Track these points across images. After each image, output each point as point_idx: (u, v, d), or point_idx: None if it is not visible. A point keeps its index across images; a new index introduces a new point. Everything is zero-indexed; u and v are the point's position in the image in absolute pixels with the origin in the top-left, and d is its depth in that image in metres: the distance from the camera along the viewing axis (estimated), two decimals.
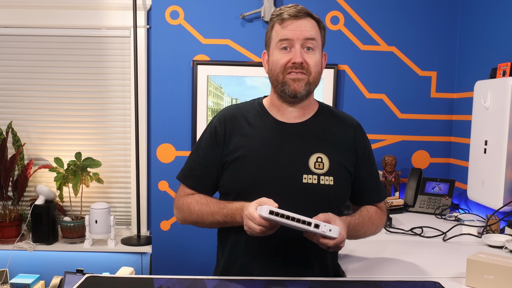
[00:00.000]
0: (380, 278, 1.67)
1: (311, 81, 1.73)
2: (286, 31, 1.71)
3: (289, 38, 1.70)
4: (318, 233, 1.50)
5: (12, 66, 3.51)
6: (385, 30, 3.27)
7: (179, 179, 1.89)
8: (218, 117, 1.86)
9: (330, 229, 1.50)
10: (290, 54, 1.71)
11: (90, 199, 3.55)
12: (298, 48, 1.70)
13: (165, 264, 3.36)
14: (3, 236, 3.37)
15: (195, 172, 1.84)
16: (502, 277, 1.56)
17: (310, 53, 1.72)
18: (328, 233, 1.49)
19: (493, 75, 2.71)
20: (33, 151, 3.56)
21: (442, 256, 2.05)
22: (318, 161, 1.74)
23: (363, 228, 1.78)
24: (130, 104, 3.49)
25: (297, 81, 1.71)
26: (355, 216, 1.75)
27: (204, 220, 1.78)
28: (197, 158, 1.85)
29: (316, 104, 1.87)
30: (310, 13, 1.74)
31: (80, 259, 3.46)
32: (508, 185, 2.50)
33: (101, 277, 1.66)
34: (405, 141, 3.33)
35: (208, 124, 1.89)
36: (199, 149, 1.86)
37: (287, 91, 1.73)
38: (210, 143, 1.82)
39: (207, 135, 1.85)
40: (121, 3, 3.37)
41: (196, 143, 1.90)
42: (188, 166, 1.88)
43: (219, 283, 1.58)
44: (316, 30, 1.74)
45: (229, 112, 1.86)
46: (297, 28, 1.70)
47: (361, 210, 1.82)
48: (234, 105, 1.92)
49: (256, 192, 1.72)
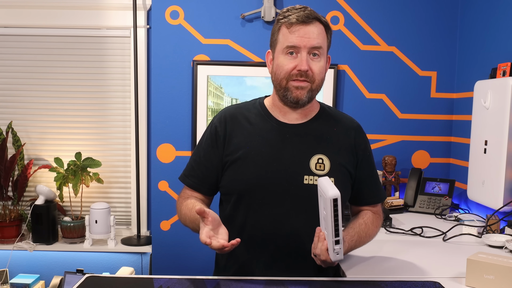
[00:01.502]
0: (380, 278, 1.67)
1: (313, 88, 1.73)
2: (294, 37, 1.68)
3: (296, 45, 1.68)
4: (330, 246, 1.52)
5: (13, 66, 3.51)
6: (385, 30, 3.27)
7: (180, 179, 1.90)
8: (218, 117, 1.86)
9: (338, 253, 1.52)
10: (296, 60, 1.70)
11: (90, 199, 3.55)
12: (304, 55, 1.68)
13: (165, 264, 3.35)
14: (3, 236, 3.37)
15: (195, 172, 1.85)
16: (502, 277, 1.56)
17: (315, 59, 1.71)
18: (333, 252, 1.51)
19: (493, 75, 2.71)
20: (33, 151, 3.56)
21: (442, 256, 2.05)
22: (319, 162, 1.74)
23: (360, 244, 1.80)
24: (130, 104, 3.49)
25: (300, 89, 1.71)
26: (354, 237, 1.74)
27: (188, 225, 1.81)
28: (197, 158, 1.85)
29: (317, 105, 1.87)
30: (318, 17, 1.72)
31: (80, 259, 3.45)
32: (508, 185, 2.50)
33: (101, 277, 1.66)
34: (405, 141, 3.33)
35: (209, 124, 1.89)
36: (200, 149, 1.86)
37: (289, 97, 1.73)
38: (211, 143, 1.82)
39: (208, 135, 1.85)
40: (121, 3, 3.37)
41: (198, 142, 1.90)
42: (189, 166, 1.89)
43: (219, 283, 1.58)
44: (323, 36, 1.72)
45: (229, 112, 1.86)
46: (305, 35, 1.68)
47: (359, 224, 1.81)
48: (235, 105, 1.91)
49: (257, 192, 1.73)
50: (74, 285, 1.56)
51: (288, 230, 1.73)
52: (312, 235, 1.63)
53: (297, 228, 1.71)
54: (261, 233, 1.74)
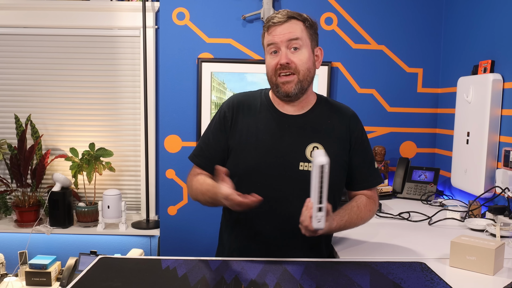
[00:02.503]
0: (370, 259, 1.67)
1: (301, 79, 1.72)
2: (271, 36, 1.72)
3: (275, 42, 1.71)
4: (314, 213, 1.49)
5: (32, 63, 3.49)
6: (375, 30, 3.25)
7: (190, 159, 1.90)
8: (227, 103, 1.87)
9: (319, 221, 1.50)
10: (278, 57, 1.72)
11: (103, 186, 3.55)
12: (283, 50, 1.71)
13: (172, 246, 3.35)
14: (23, 220, 3.38)
15: (204, 152, 1.86)
16: (483, 258, 1.55)
17: (296, 52, 1.71)
18: (315, 219, 1.50)
19: (474, 72, 2.70)
20: (50, 142, 3.56)
21: (428, 238, 2.04)
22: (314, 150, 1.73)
23: (350, 225, 1.77)
24: (140, 99, 3.47)
25: (286, 84, 1.72)
26: (344, 217, 1.72)
27: (200, 198, 1.80)
28: (206, 139, 1.86)
29: (314, 96, 1.87)
30: (294, 15, 1.72)
31: (94, 241, 3.45)
32: (489, 173, 2.50)
33: (113, 258, 1.66)
34: (394, 132, 3.32)
35: (218, 109, 1.89)
36: (209, 132, 1.87)
37: (280, 92, 1.74)
38: (219, 126, 1.83)
39: (217, 119, 1.86)
40: (132, 5, 3.35)
41: (207, 126, 1.91)
42: (198, 147, 1.90)
43: (222, 263, 1.58)
44: (300, 29, 1.72)
45: (238, 99, 1.86)
46: (280, 32, 1.70)
47: (352, 206, 1.80)
48: (243, 93, 1.92)
49: (256, 177, 1.74)
50: (88, 265, 1.56)
51: (284, 212, 1.73)
52: None
53: (292, 211, 1.70)
54: (260, 214, 1.74)
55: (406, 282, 1.44)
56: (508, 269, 1.62)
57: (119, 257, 1.71)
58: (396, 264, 1.60)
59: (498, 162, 2.49)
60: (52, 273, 3.08)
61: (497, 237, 1.87)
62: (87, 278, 1.46)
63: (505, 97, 2.47)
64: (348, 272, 1.52)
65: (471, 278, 1.53)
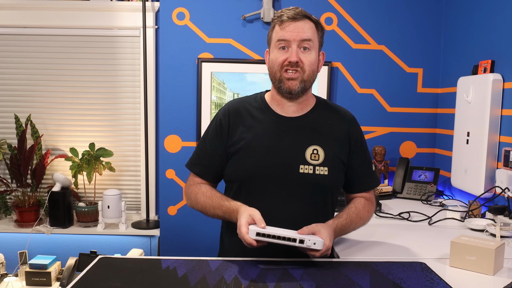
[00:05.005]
0: (370, 259, 1.67)
1: (305, 79, 1.72)
2: (284, 32, 1.70)
3: (287, 39, 1.69)
4: (304, 248, 1.51)
5: (32, 63, 3.49)
6: (375, 30, 3.25)
7: (187, 167, 1.90)
8: (223, 110, 1.85)
9: (314, 243, 1.51)
10: (287, 53, 1.70)
11: (103, 186, 3.55)
12: (294, 48, 1.69)
13: (172, 246, 3.36)
14: (23, 220, 3.38)
15: (201, 160, 1.85)
16: (483, 258, 1.55)
17: (306, 53, 1.71)
18: (313, 246, 1.51)
19: (474, 72, 2.70)
20: (50, 142, 3.56)
21: (428, 238, 2.04)
22: (314, 153, 1.73)
23: (352, 225, 1.77)
24: (140, 99, 3.47)
25: (291, 80, 1.71)
26: (342, 216, 1.73)
27: (207, 211, 1.79)
28: (203, 147, 1.85)
29: (313, 99, 1.86)
30: (308, 15, 1.72)
31: (94, 241, 3.45)
32: (489, 173, 2.50)
33: (113, 258, 1.65)
34: (394, 132, 3.32)
35: (214, 117, 1.88)
36: (205, 140, 1.86)
37: (283, 88, 1.73)
38: (216, 134, 1.82)
39: (213, 127, 1.85)
40: (132, 5, 3.35)
41: (203, 134, 1.90)
42: (195, 155, 1.89)
43: (222, 263, 1.58)
44: (313, 31, 1.72)
45: (233, 106, 1.85)
46: (294, 29, 1.69)
47: (349, 207, 1.80)
48: (238, 99, 1.91)
49: (257, 180, 1.73)
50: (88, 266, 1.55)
51: (285, 215, 1.72)
52: (306, 219, 1.63)
53: (293, 213, 1.70)
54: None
55: (406, 282, 1.44)
56: (508, 269, 1.62)
57: (119, 257, 1.71)
58: (396, 264, 1.60)
59: (498, 162, 2.49)
60: (52, 273, 3.07)
61: (497, 237, 1.87)
62: (87, 278, 1.46)
63: (505, 97, 2.47)
64: (348, 272, 1.52)
65: (471, 278, 1.53)
